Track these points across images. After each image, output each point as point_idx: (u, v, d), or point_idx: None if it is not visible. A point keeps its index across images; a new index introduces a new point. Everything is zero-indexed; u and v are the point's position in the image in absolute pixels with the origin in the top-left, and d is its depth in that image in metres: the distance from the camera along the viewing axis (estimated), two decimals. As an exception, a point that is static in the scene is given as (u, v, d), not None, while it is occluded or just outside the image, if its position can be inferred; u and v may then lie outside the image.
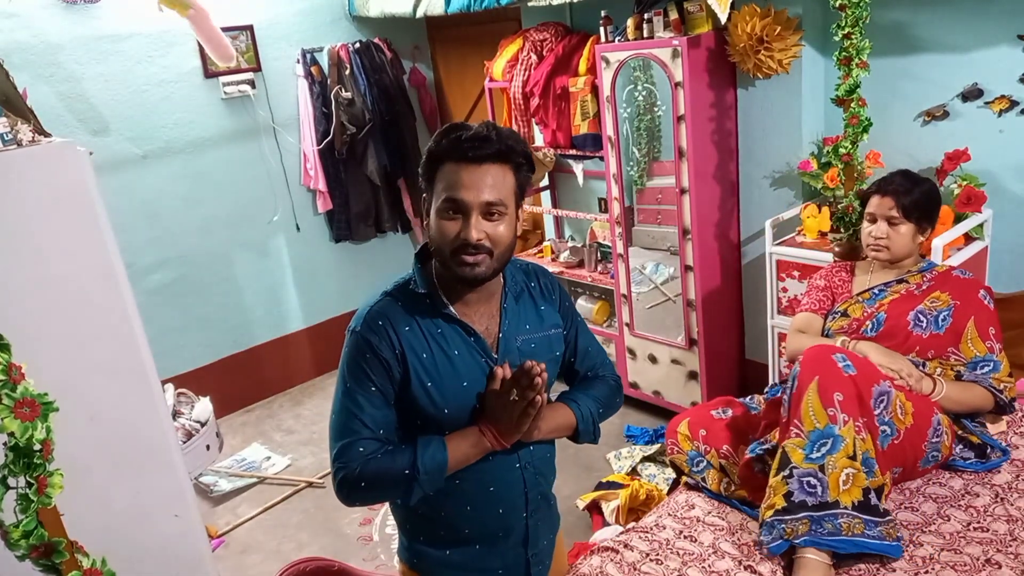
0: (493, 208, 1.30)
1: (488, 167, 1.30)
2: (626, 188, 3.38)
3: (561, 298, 1.55)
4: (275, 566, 2.81)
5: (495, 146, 1.29)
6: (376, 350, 1.34)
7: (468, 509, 1.45)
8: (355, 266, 4.61)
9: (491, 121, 1.36)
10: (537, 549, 1.55)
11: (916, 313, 2.07)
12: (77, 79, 3.52)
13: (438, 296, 1.39)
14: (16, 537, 1.06)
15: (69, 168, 1.97)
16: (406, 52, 4.56)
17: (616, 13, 3.25)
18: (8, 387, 1.03)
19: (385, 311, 1.37)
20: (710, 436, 2.09)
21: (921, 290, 2.11)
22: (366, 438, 1.35)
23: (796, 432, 1.75)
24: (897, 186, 2.11)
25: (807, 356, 1.82)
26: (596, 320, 3.75)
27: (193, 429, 3.61)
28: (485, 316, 1.42)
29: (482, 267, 1.32)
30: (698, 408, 2.28)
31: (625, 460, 3.22)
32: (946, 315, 2.05)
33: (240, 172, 4.09)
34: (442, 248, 1.32)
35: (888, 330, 2.09)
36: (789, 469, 1.73)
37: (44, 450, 1.06)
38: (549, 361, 1.49)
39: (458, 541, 1.49)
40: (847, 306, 2.20)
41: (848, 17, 2.25)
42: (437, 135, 1.34)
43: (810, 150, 3.08)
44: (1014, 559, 1.66)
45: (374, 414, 1.36)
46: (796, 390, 1.79)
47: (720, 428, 2.11)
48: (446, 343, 1.38)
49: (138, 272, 3.68)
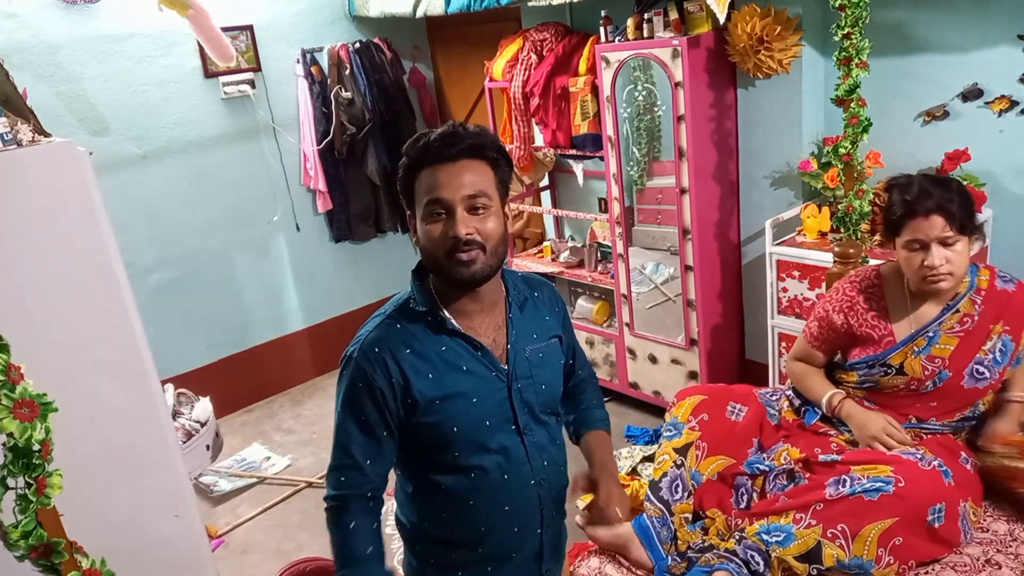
0: (476, 201, 1.28)
1: (463, 163, 1.28)
2: (626, 188, 3.38)
3: (563, 310, 1.55)
4: (275, 566, 2.81)
5: (465, 141, 1.29)
6: (370, 379, 1.32)
7: (483, 529, 1.41)
8: (355, 266, 4.60)
9: (458, 120, 1.35)
10: (550, 565, 1.52)
11: (972, 367, 1.82)
12: (77, 79, 3.52)
13: (440, 312, 1.35)
14: (15, 538, 1.06)
15: (69, 168, 1.97)
16: (406, 52, 4.56)
17: (616, 13, 3.24)
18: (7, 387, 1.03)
19: (383, 337, 1.34)
20: (711, 447, 1.93)
21: (975, 322, 1.83)
22: (351, 467, 1.35)
23: (835, 537, 1.66)
24: (938, 199, 1.73)
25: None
26: (596, 320, 3.75)
27: (193, 429, 3.60)
28: (491, 328, 1.39)
29: (477, 264, 1.29)
30: (716, 392, 2.07)
31: (625, 460, 3.21)
32: (1005, 345, 1.84)
33: (240, 172, 4.09)
34: (434, 253, 1.30)
35: (947, 388, 1.84)
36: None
37: (43, 450, 1.06)
38: (557, 370, 1.49)
39: (469, 563, 1.45)
40: (902, 360, 1.85)
41: (848, 17, 2.24)
42: (406, 148, 1.32)
43: (810, 150, 3.08)
44: (1014, 559, 1.66)
45: (362, 445, 1.35)
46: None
47: (722, 442, 1.94)
48: (454, 359, 1.35)
49: (138, 272, 3.67)
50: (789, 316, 2.99)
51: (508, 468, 1.38)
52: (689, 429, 1.97)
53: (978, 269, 1.90)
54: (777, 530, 1.72)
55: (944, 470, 1.71)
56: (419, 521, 1.45)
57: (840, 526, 1.66)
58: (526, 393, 1.39)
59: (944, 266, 1.74)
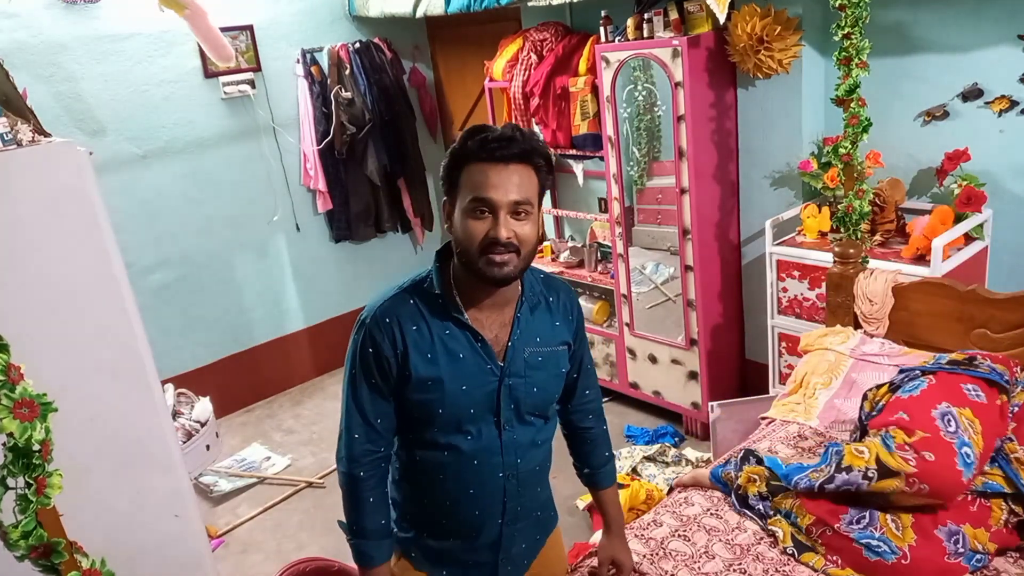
0: (520, 207, 1.31)
1: (514, 167, 1.31)
2: (626, 188, 3.38)
3: (578, 319, 1.55)
4: (275, 566, 2.81)
5: (520, 146, 1.30)
6: (379, 346, 1.37)
7: (448, 504, 1.48)
8: (355, 266, 4.60)
9: (514, 123, 1.39)
10: (508, 555, 1.55)
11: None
12: (77, 79, 3.52)
13: (452, 299, 1.39)
14: (15, 538, 1.06)
15: (69, 168, 1.97)
16: (406, 52, 4.56)
17: (616, 13, 3.24)
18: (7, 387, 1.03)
19: (395, 308, 1.39)
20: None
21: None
22: (363, 425, 1.42)
23: (832, 560, 1.70)
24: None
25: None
26: (596, 320, 3.75)
27: (193, 429, 3.61)
28: (496, 324, 1.42)
29: (509, 266, 1.32)
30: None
31: (625, 460, 3.22)
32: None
33: (240, 172, 4.09)
34: (469, 248, 1.32)
35: None
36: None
37: (43, 450, 1.06)
38: (555, 376, 1.50)
39: (436, 531, 1.52)
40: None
41: (848, 17, 2.24)
42: (462, 137, 1.34)
43: (810, 150, 3.08)
44: (1014, 563, 1.67)
45: (372, 402, 1.41)
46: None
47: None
48: (454, 345, 1.39)
49: (138, 272, 3.68)
50: (789, 316, 3.00)
51: (479, 455, 1.43)
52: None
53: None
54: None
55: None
56: (400, 488, 1.54)
57: (835, 557, 1.69)
58: (516, 391, 1.42)
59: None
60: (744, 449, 2.01)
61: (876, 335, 2.46)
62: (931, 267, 2.50)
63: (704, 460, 3.11)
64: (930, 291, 2.35)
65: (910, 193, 2.92)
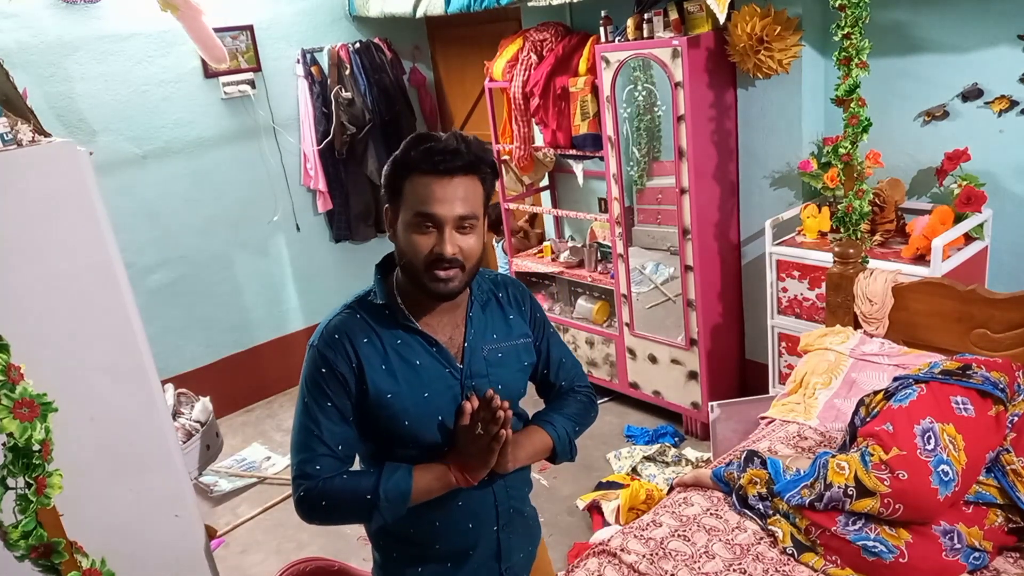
0: (466, 222, 1.29)
1: (459, 180, 1.28)
2: (626, 188, 3.38)
3: (532, 308, 1.53)
4: (275, 566, 2.81)
5: (465, 158, 1.28)
6: (332, 365, 1.33)
7: (437, 524, 1.42)
8: (355, 266, 4.60)
9: (458, 131, 1.34)
10: (511, 563, 1.52)
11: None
12: (77, 79, 3.52)
13: (397, 307, 1.37)
14: (15, 538, 1.06)
15: (69, 168, 1.97)
16: (406, 52, 4.56)
17: (616, 13, 3.25)
18: (7, 387, 1.03)
19: (343, 325, 1.36)
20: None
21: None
22: (323, 455, 1.34)
23: (831, 560, 1.69)
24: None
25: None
26: (596, 320, 3.75)
27: (193, 429, 3.60)
28: (449, 326, 1.41)
29: (455, 282, 1.31)
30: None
31: (625, 460, 3.22)
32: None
33: (240, 172, 4.09)
34: (414, 262, 1.30)
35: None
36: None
37: (43, 450, 1.06)
38: (518, 371, 1.48)
39: (427, 558, 1.46)
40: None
41: (848, 17, 2.24)
42: (405, 145, 1.31)
43: (810, 150, 3.08)
44: (1014, 563, 1.67)
45: (332, 430, 1.35)
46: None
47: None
48: (408, 353, 1.36)
49: (138, 272, 3.68)
50: (789, 316, 3.00)
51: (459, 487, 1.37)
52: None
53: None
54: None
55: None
56: (382, 527, 1.44)
57: (834, 557, 1.69)
58: (480, 391, 1.38)
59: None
60: (747, 450, 2.01)
61: (876, 335, 2.46)
62: (931, 267, 2.50)
63: (704, 460, 3.11)
64: (930, 291, 2.35)
65: (910, 193, 2.92)
